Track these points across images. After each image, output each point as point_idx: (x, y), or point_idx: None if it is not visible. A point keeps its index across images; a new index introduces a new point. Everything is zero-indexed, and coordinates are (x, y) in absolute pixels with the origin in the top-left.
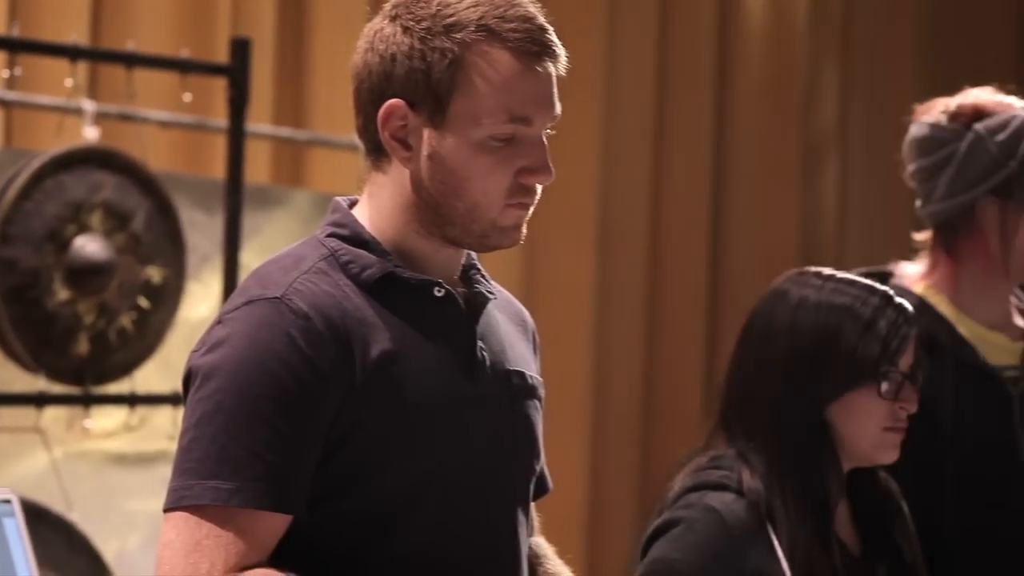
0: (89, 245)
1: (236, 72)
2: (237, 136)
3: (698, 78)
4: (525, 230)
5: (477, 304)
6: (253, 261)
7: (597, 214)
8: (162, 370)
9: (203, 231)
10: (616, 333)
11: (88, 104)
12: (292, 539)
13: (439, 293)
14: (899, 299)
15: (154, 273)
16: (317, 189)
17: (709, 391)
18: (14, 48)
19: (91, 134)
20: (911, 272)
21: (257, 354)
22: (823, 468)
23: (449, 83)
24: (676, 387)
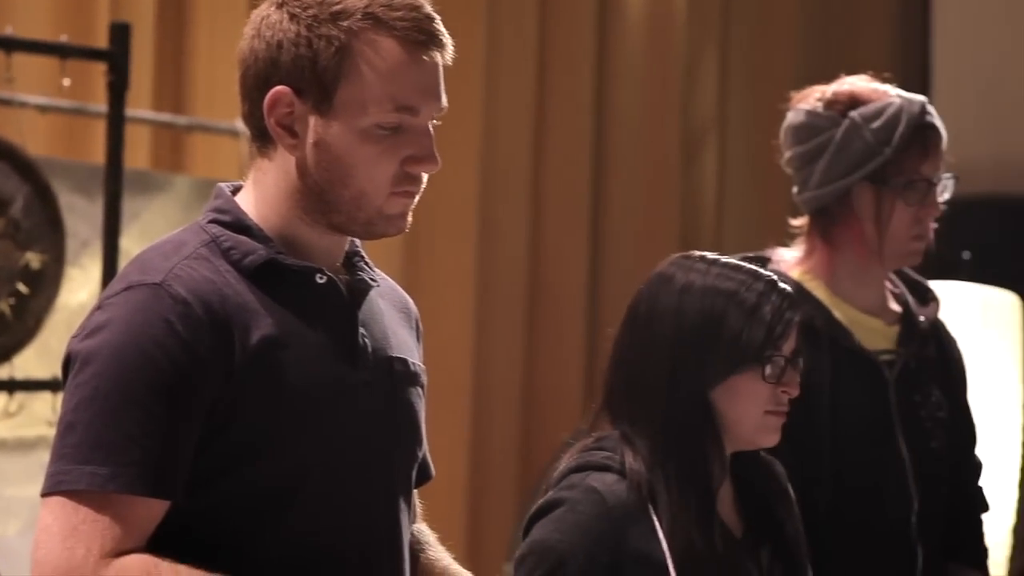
0: None
1: (116, 57)
2: (117, 121)
3: (578, 67)
4: (411, 218)
5: (360, 291)
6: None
7: (478, 202)
8: (41, 356)
9: (83, 216)
10: (497, 320)
11: None
12: (172, 524)
13: (321, 280)
14: (783, 284)
15: (33, 258)
16: (197, 174)
17: (590, 376)
18: None
19: None
20: (788, 258)
21: (135, 339)
22: (706, 451)
23: (335, 71)
24: (557, 373)
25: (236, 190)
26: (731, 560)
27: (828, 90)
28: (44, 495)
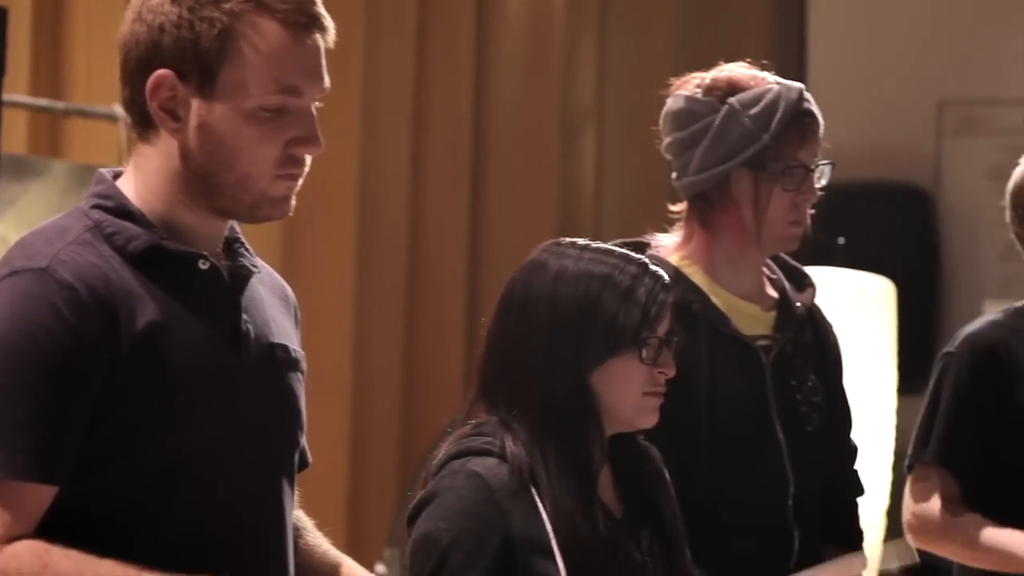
0: None
1: None
2: None
3: (458, 54)
4: (294, 201)
5: (241, 277)
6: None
7: (357, 188)
8: None
9: None
10: (377, 306)
11: None
12: (61, 509)
13: (204, 266)
14: (655, 267)
15: None
16: (75, 160)
17: (470, 363)
18: None
19: None
20: (667, 243)
21: (22, 325)
22: (586, 434)
23: (218, 53)
24: (436, 359)
25: (116, 176)
26: (613, 541)
27: (707, 77)
28: None
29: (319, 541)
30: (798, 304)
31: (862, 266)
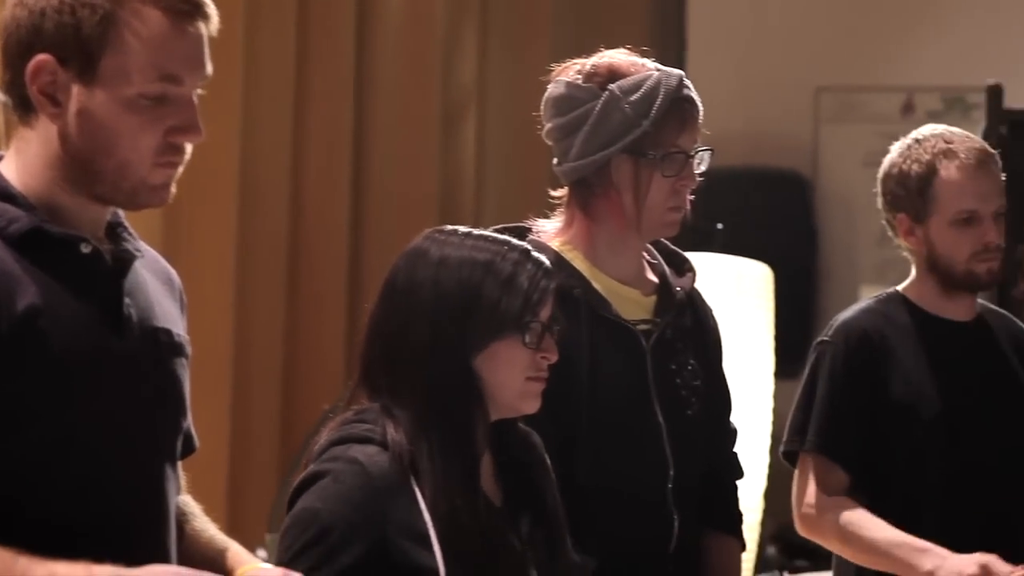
0: None
1: None
2: None
3: (339, 38)
4: (174, 189)
5: (124, 261)
6: None
7: (239, 175)
8: None
9: None
10: (258, 291)
11: None
12: None
13: (86, 250)
14: (537, 253)
15: None
16: None
17: (352, 348)
18: None
19: None
20: (548, 228)
21: None
22: (470, 418)
23: (99, 39)
24: (318, 344)
25: None
26: (493, 530)
27: (587, 63)
28: None
29: (206, 526)
30: (678, 289)
31: (741, 251)
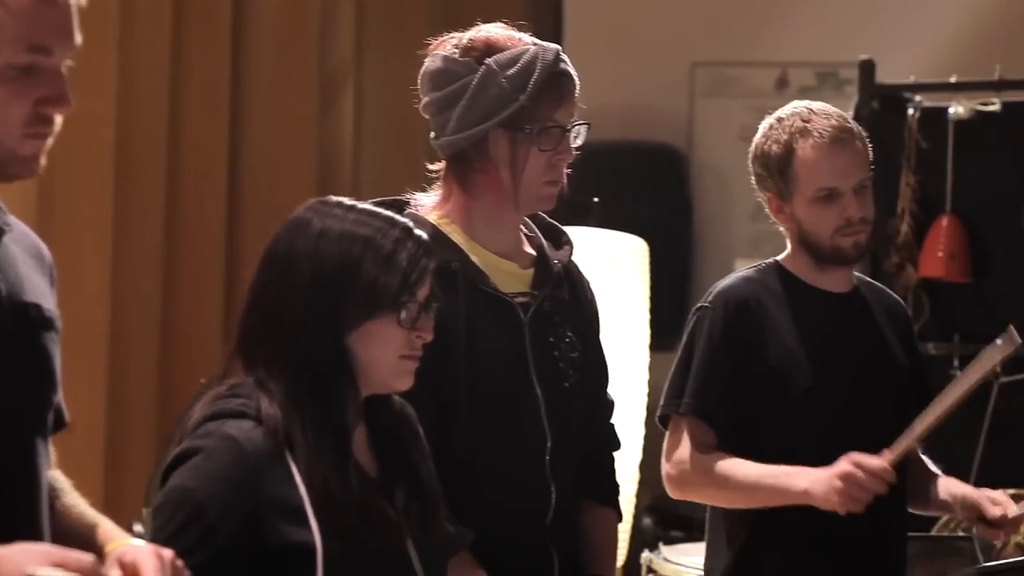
0: None
1: None
2: None
3: (215, 12)
4: (44, 160)
5: None
6: None
7: (114, 148)
8: None
9: None
10: (135, 265)
11: None
12: None
13: None
14: (419, 231)
15: None
16: None
17: (229, 323)
18: None
19: None
20: (426, 202)
21: None
22: (342, 395)
23: None
24: (195, 319)
25: None
26: (368, 502)
27: (464, 37)
28: None
29: (76, 502)
30: (555, 262)
31: (617, 225)
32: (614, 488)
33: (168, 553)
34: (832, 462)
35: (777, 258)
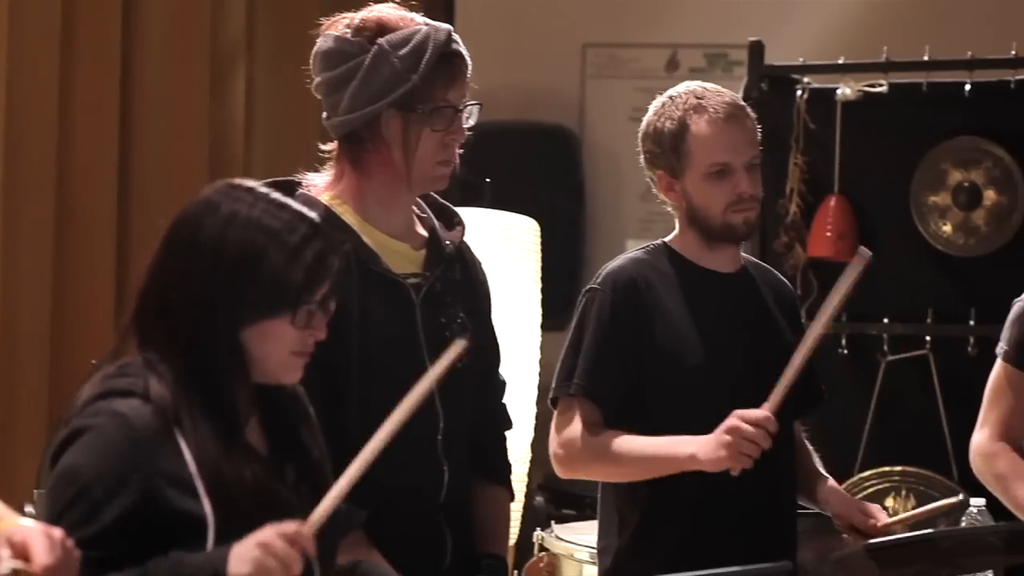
0: None
1: None
2: None
3: None
4: None
5: None
6: None
7: (2, 126)
8: None
9: None
10: (23, 245)
11: None
12: None
13: None
14: (328, 229)
15: None
16: None
17: (120, 303)
18: None
19: None
20: (318, 182)
21: None
22: (232, 383)
23: None
24: (86, 299)
25: None
26: (260, 482)
27: (356, 17)
28: None
29: None
30: (447, 242)
31: (509, 205)
32: (506, 467)
33: (58, 532)
34: None
35: (665, 239)
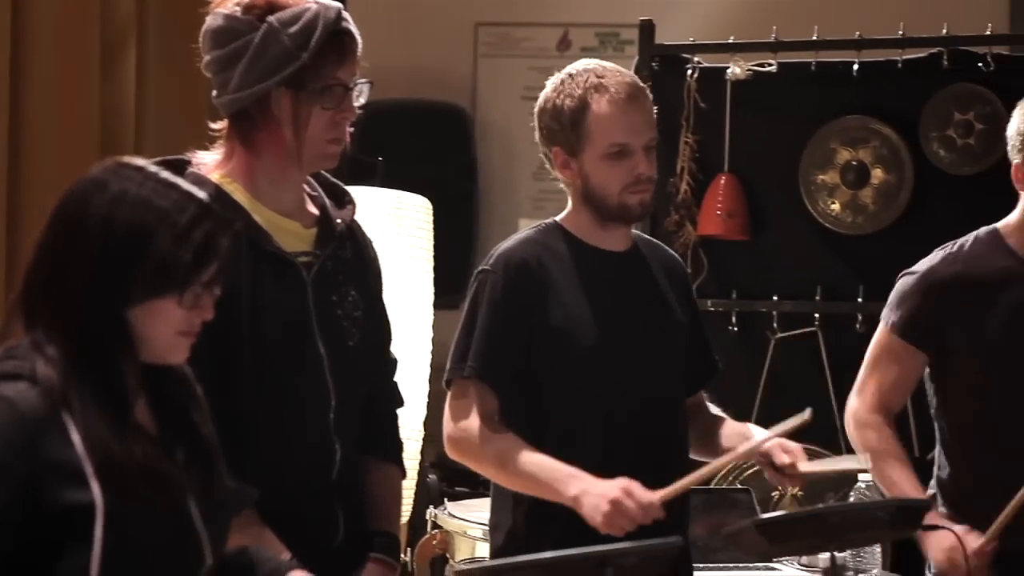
0: None
1: None
2: None
3: None
4: None
5: None
6: None
7: None
8: None
9: None
10: None
11: None
12: None
13: None
14: (218, 209)
15: None
16: None
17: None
18: None
19: None
20: (208, 161)
21: None
22: (119, 362)
23: None
24: None
25: None
26: (150, 462)
27: None
28: None
29: None
30: (338, 221)
31: (401, 184)
32: (398, 445)
33: None
34: (614, 422)
35: (556, 218)
